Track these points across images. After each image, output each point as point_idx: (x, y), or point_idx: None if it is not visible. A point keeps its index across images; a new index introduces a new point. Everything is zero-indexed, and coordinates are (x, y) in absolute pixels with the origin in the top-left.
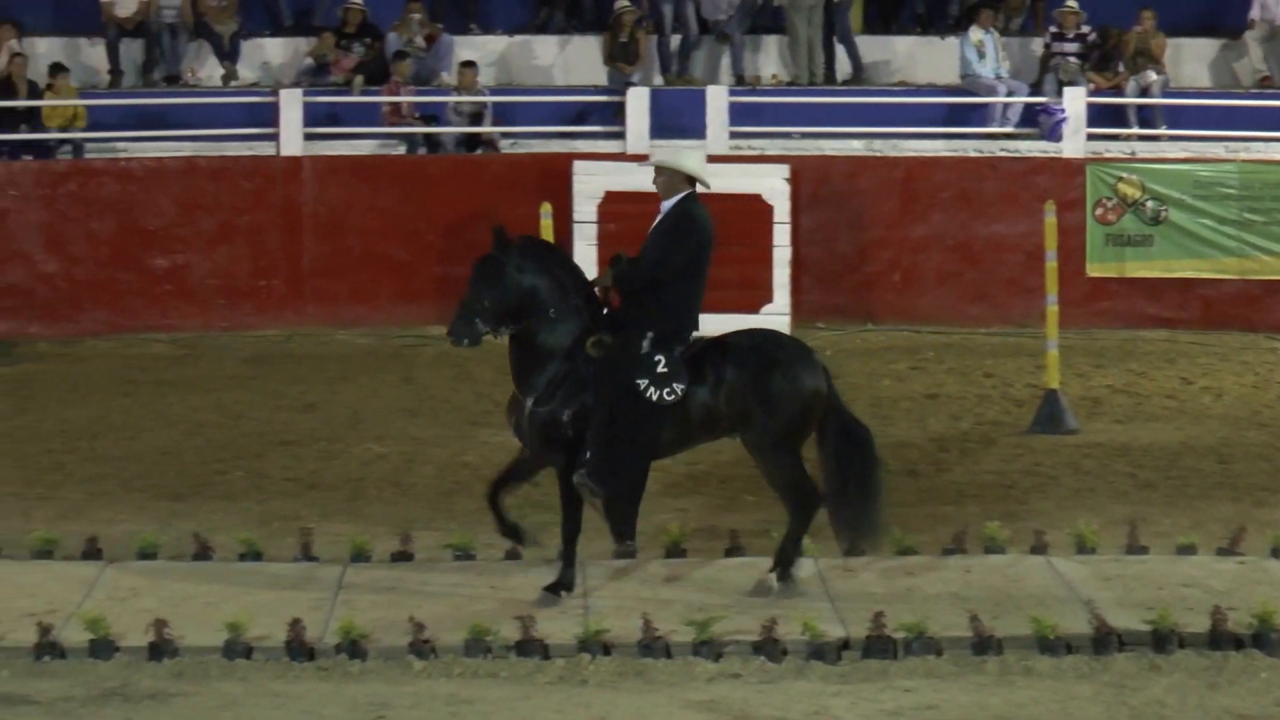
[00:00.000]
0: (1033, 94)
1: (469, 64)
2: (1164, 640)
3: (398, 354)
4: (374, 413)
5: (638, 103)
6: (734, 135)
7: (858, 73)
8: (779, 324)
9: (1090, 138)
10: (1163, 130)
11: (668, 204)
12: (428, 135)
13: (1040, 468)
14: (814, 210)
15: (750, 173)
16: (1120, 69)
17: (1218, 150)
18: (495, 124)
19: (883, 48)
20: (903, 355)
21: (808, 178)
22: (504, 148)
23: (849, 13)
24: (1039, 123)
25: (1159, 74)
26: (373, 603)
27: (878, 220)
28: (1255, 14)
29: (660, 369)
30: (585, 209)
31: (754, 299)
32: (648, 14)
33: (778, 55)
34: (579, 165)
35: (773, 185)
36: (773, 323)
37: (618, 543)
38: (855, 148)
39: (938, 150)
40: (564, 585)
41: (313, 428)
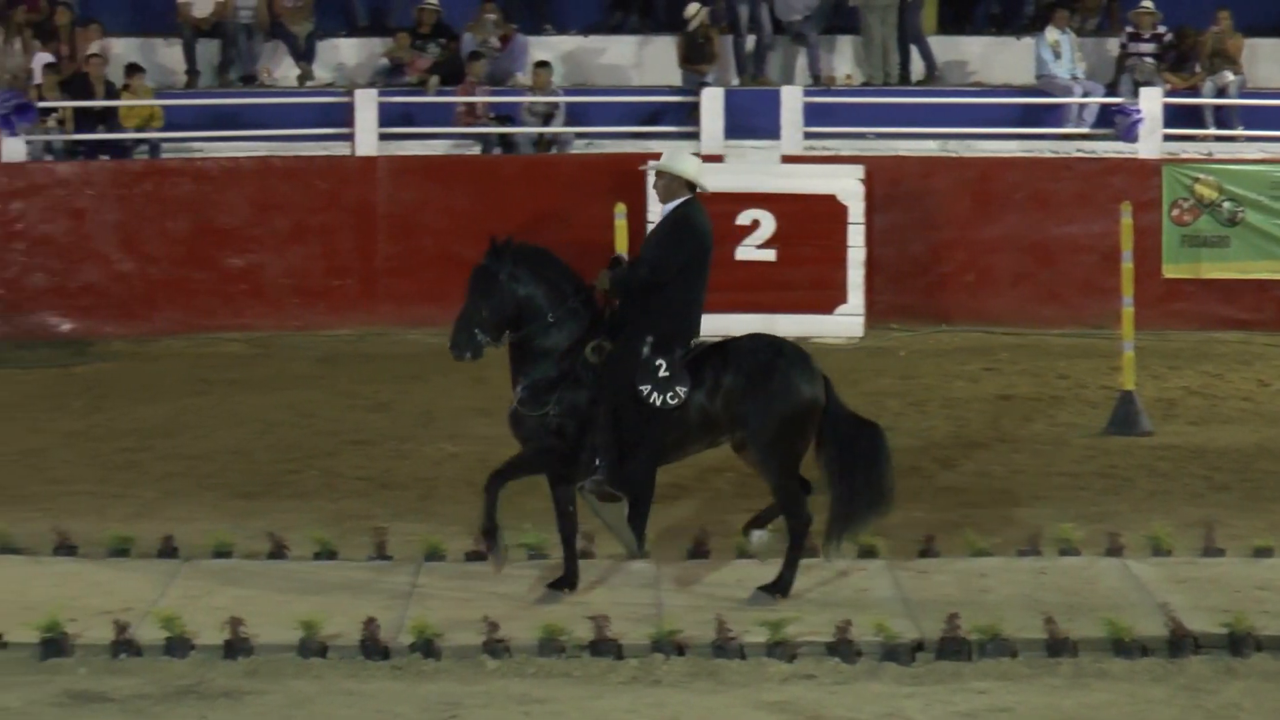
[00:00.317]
0: (1108, 94)
1: (543, 64)
2: (1240, 643)
3: None
4: (446, 412)
5: (712, 103)
6: (808, 136)
7: (931, 73)
8: (853, 324)
9: (1166, 138)
10: (1239, 131)
11: (667, 208)
12: (502, 135)
13: (1115, 469)
14: (888, 211)
15: (824, 173)
16: (1196, 69)
17: None
18: (568, 124)
19: (957, 48)
20: (976, 356)
21: (882, 178)
22: (577, 148)
23: (920, 13)
24: (1115, 123)
25: (1235, 74)
26: (446, 602)
27: (951, 221)
28: None
29: (662, 373)
30: (659, 209)
31: (828, 299)
32: (724, 15)
33: (852, 56)
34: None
35: (847, 186)
36: (847, 323)
37: (627, 548)
38: (929, 148)
39: (1012, 151)
40: (567, 583)
41: (385, 427)
